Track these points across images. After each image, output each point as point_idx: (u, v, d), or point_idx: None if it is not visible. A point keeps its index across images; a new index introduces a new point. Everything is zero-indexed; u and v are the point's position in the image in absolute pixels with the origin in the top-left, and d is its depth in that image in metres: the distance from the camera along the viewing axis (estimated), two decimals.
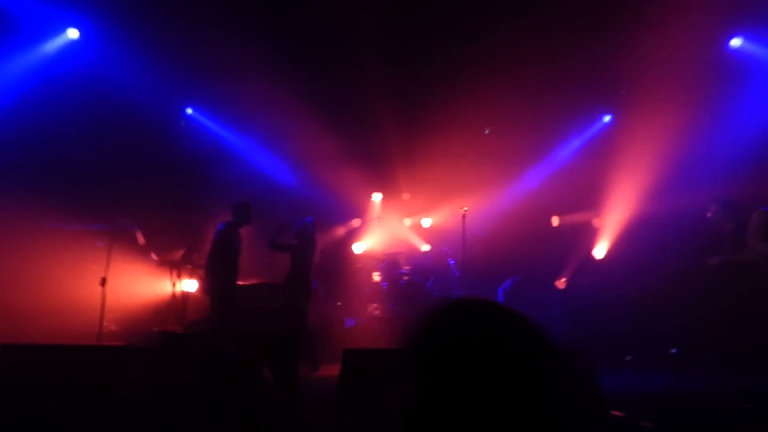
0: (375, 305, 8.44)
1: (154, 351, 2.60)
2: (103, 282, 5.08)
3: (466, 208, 6.05)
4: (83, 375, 2.48)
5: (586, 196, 9.29)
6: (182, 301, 7.20)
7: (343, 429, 2.55)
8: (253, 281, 7.70)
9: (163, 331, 2.44)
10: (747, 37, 7.64)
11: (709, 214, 6.61)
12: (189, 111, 9.49)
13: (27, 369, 2.55)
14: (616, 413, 2.89)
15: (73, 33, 7.36)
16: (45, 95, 7.15)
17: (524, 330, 0.88)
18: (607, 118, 9.82)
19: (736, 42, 7.64)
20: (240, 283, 6.72)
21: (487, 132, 10.22)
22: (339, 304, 8.69)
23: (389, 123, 9.19)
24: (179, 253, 7.17)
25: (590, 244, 8.78)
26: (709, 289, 6.81)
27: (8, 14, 6.68)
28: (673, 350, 6.83)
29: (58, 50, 7.36)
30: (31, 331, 5.33)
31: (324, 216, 9.22)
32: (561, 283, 8.18)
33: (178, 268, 7.09)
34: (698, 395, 4.18)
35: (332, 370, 3.08)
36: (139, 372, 2.48)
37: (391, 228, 9.96)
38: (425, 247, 9.75)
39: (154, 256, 6.51)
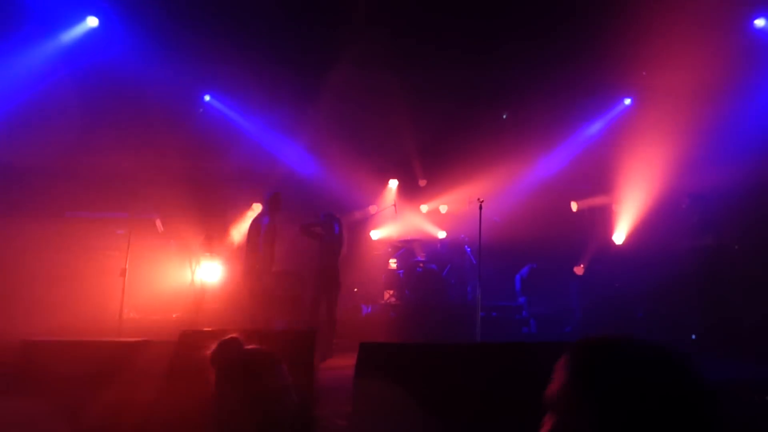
0: (391, 292, 8.49)
1: (173, 345, 2.65)
2: (123, 273, 5.17)
3: (482, 200, 6.00)
4: (103, 369, 2.54)
5: (606, 180, 9.14)
6: (201, 288, 7.32)
7: (359, 423, 2.59)
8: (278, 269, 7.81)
9: (183, 329, 2.48)
10: None
11: (683, 206, 6.95)
12: (207, 98, 9.52)
13: (48, 364, 2.62)
14: None
15: (92, 21, 7.40)
16: (64, 83, 7.23)
17: (690, 374, 0.91)
18: (627, 101, 9.59)
19: (760, 22, 7.37)
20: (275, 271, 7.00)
21: (504, 117, 10.08)
22: (356, 290, 8.76)
23: (406, 110, 9.12)
24: (197, 242, 7.27)
25: (609, 230, 8.66)
26: (729, 274, 6.72)
27: (27, 4, 6.73)
28: (693, 336, 6.76)
29: (77, 39, 7.42)
30: (53, 322, 5.47)
31: (341, 203, 9.25)
32: (579, 269, 8.11)
33: (196, 256, 7.20)
34: (717, 384, 4.11)
35: (349, 359, 3.10)
36: (158, 367, 2.54)
37: (407, 215, 9.94)
38: (442, 235, 9.74)
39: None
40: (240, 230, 8.78)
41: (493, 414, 2.50)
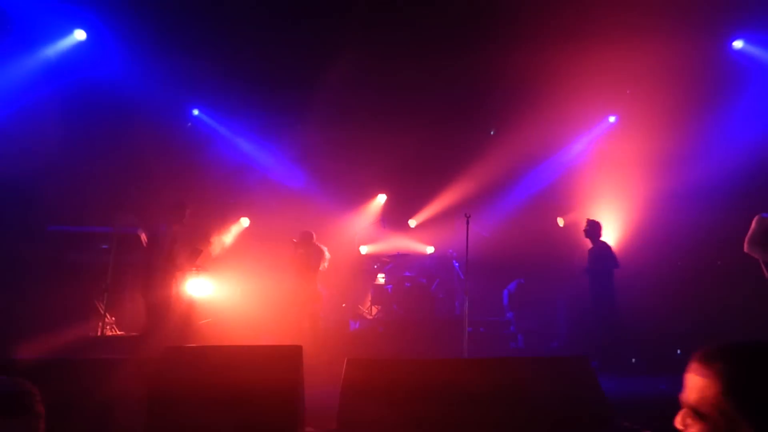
0: (379, 307, 8.45)
1: (154, 363, 2.59)
2: (106, 288, 5.09)
3: (469, 215, 6.05)
4: (85, 388, 2.48)
5: (592, 197, 9.25)
6: (186, 304, 7.22)
7: None
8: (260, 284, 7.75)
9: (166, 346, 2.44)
10: (749, 39, 7.63)
11: (583, 229, 7.31)
12: (195, 112, 9.51)
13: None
14: (627, 425, 2.88)
15: (80, 35, 7.37)
16: (50, 96, 7.17)
17: None
18: (612, 119, 9.75)
19: (738, 44, 7.62)
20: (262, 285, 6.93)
21: (492, 133, 10.19)
22: (344, 305, 8.71)
23: (394, 125, 9.18)
24: (183, 256, 7.18)
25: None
26: (714, 291, 6.82)
27: (10, 16, 6.69)
28: (679, 352, 6.82)
29: (64, 52, 7.38)
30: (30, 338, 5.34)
31: (329, 218, 9.24)
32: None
33: (182, 270, 7.10)
34: None
35: (336, 375, 3.07)
36: (138, 384, 2.49)
37: (393, 231, 9.96)
38: (430, 250, 9.75)
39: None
40: (223, 243, 8.74)
41: (480, 427, 2.48)
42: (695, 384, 0.93)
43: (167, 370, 2.54)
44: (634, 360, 6.75)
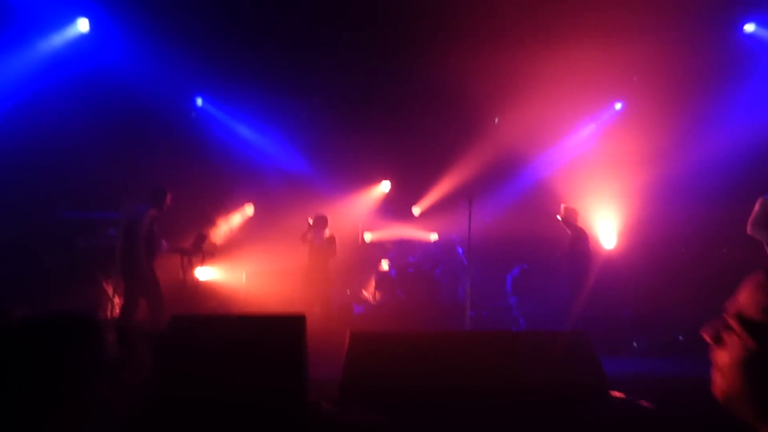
0: (383, 293, 8.51)
1: (162, 333, 2.66)
2: (114, 272, 5.16)
3: (471, 198, 6.08)
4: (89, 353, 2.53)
5: (597, 184, 9.24)
6: (192, 288, 7.32)
7: (347, 406, 2.61)
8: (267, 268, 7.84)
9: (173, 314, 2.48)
10: (760, 22, 7.52)
11: (558, 216, 7.29)
12: (199, 101, 9.55)
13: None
14: (617, 394, 2.92)
15: (83, 25, 7.40)
16: (56, 85, 7.22)
17: None
18: (618, 106, 9.71)
19: (749, 27, 7.52)
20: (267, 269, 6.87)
21: (496, 121, 10.17)
22: (348, 291, 8.78)
23: (400, 111, 9.19)
24: (189, 241, 7.28)
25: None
26: (719, 278, 6.82)
27: (13, 6, 6.73)
28: (681, 337, 6.84)
29: (68, 42, 7.42)
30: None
31: (333, 204, 9.29)
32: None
33: (188, 255, 7.20)
34: (703, 379, 4.18)
35: (342, 352, 3.13)
36: (146, 353, 2.55)
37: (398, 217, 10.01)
38: (434, 236, 9.79)
39: (164, 243, 6.61)
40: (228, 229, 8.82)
41: (478, 396, 2.53)
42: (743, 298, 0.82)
43: (174, 337, 2.61)
44: (635, 344, 6.78)
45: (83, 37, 7.44)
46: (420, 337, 2.97)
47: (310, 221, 7.27)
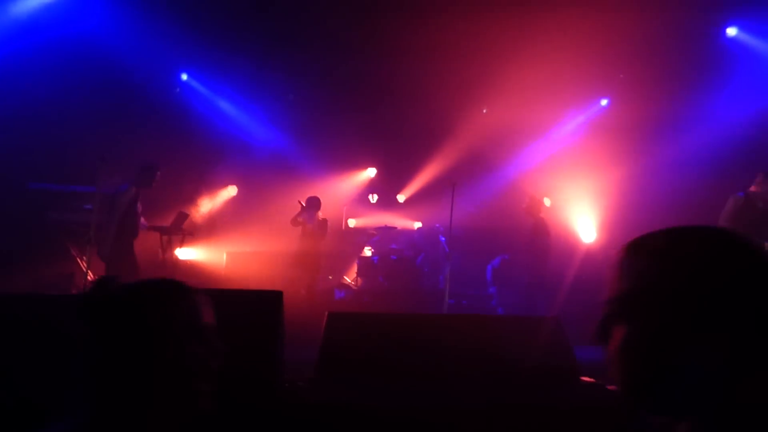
0: (365, 279, 8.52)
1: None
2: (89, 242, 5.05)
3: (455, 183, 6.10)
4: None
5: (582, 178, 9.34)
6: (172, 267, 7.22)
7: (322, 384, 2.61)
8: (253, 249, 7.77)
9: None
10: (742, 26, 7.66)
11: (524, 206, 7.25)
12: (184, 77, 9.36)
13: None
14: (587, 379, 2.98)
15: None
16: (31, 50, 6.99)
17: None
18: (604, 102, 9.79)
19: (731, 31, 7.65)
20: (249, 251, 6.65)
21: (484, 111, 10.18)
22: (330, 277, 8.76)
23: (387, 99, 9.14)
24: (169, 220, 7.16)
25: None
26: None
27: None
28: None
29: (47, 6, 7.16)
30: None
31: (318, 188, 9.23)
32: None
33: (168, 234, 7.09)
34: None
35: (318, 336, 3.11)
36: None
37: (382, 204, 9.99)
38: (417, 225, 9.80)
39: (143, 221, 6.49)
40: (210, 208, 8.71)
41: (453, 377, 2.55)
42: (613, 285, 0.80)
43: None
44: None
45: (61, 2, 7.19)
46: (397, 319, 2.97)
47: (302, 203, 7.11)
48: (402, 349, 2.70)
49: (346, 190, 10.28)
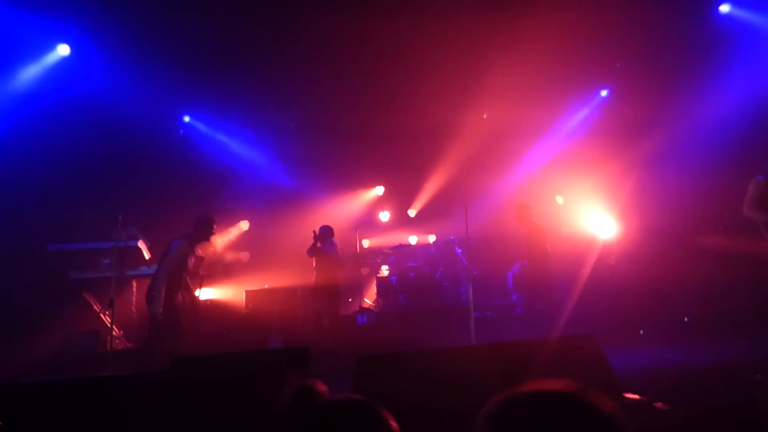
0: (385, 300, 8.47)
1: (164, 376, 2.59)
2: (111, 303, 5.08)
3: (467, 203, 6.07)
4: (94, 407, 2.47)
5: (589, 173, 9.25)
6: (193, 309, 7.23)
7: None
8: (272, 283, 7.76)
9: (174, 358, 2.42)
10: (735, 2, 7.57)
11: (513, 215, 6.99)
12: (186, 119, 9.47)
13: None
14: (630, 395, 2.90)
15: (63, 49, 7.29)
16: (40, 113, 7.12)
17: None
18: (604, 93, 9.72)
19: (724, 8, 7.57)
20: (267, 288, 6.64)
21: (485, 117, 10.16)
22: (350, 300, 8.73)
23: (389, 116, 9.14)
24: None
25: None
26: (717, 257, 6.86)
27: None
28: (686, 319, 6.86)
29: (48, 71, 7.32)
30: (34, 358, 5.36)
31: (329, 214, 9.24)
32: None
33: (186, 278, 7.11)
34: (710, 369, 4.19)
35: (347, 372, 3.07)
36: (149, 399, 2.48)
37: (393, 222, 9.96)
38: (432, 238, 9.75)
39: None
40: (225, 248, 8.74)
41: None
42: None
43: (175, 382, 2.55)
44: (642, 332, 6.77)
45: (64, 64, 7.33)
46: (429, 356, 2.93)
47: (316, 232, 6.97)
48: (436, 389, 2.66)
49: (357, 211, 10.28)
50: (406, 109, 9.12)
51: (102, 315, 6.55)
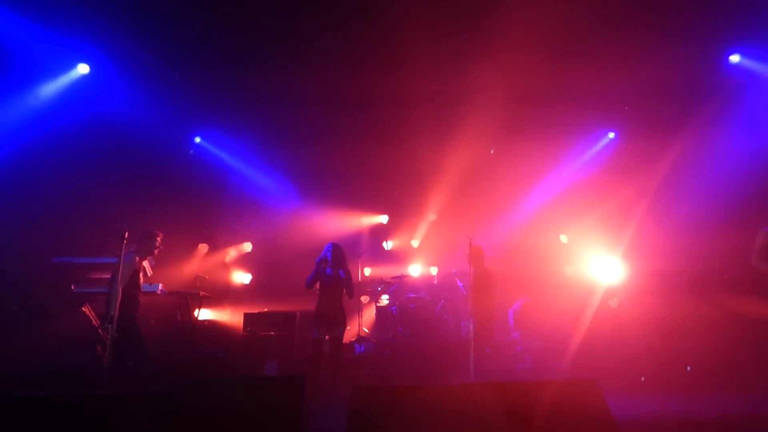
0: (385, 330, 8.40)
1: (162, 397, 2.58)
2: (110, 319, 5.07)
3: (471, 237, 6.07)
4: (89, 424, 2.45)
5: (594, 213, 9.27)
6: (191, 330, 7.21)
7: None
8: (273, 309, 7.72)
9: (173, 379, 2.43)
10: (745, 53, 7.72)
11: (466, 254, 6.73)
12: (197, 140, 9.62)
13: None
14: None
15: (83, 68, 7.50)
16: (52, 130, 7.26)
17: None
18: (611, 135, 9.83)
19: (734, 58, 7.71)
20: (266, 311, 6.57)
21: (492, 152, 10.27)
22: (348, 328, 8.65)
23: (394, 147, 9.26)
24: (188, 284, 7.21)
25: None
26: (722, 305, 6.79)
27: (12, 52, 6.80)
28: (689, 368, 6.75)
29: (69, 85, 7.50)
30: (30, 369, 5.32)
31: (332, 239, 9.26)
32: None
33: (186, 298, 7.12)
34: (712, 422, 4.11)
35: (342, 401, 3.04)
36: (146, 420, 2.47)
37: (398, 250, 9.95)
38: (433, 270, 9.72)
39: (161, 287, 6.53)
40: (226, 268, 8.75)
41: None
42: None
43: (174, 405, 2.53)
44: (643, 378, 6.66)
45: (82, 82, 7.52)
46: (427, 392, 2.90)
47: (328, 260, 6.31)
48: (434, 425, 2.62)
49: (360, 239, 10.29)
50: (413, 142, 9.24)
51: (100, 330, 6.52)
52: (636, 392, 6.19)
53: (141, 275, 5.73)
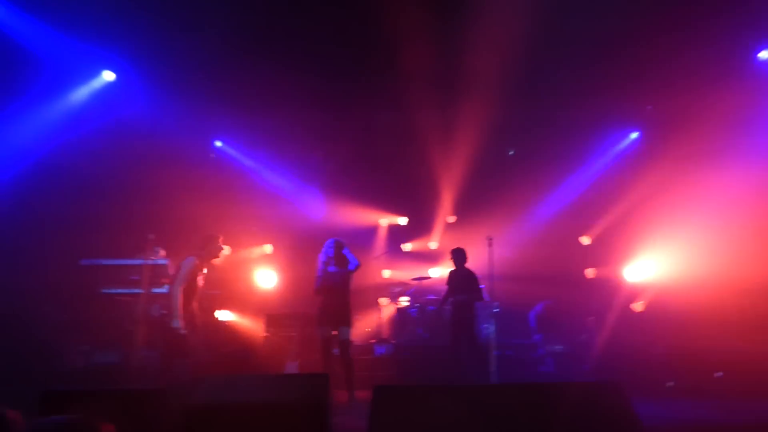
0: (404, 332, 8.38)
1: (184, 392, 2.63)
2: (137, 318, 5.17)
3: (491, 237, 6.03)
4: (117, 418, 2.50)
5: (616, 214, 9.12)
6: (213, 329, 7.31)
7: None
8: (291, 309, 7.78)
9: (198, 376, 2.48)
10: None
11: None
12: (218, 144, 9.76)
13: None
14: None
15: (108, 75, 7.69)
16: (79, 135, 7.45)
17: None
18: (634, 135, 9.66)
19: (764, 54, 7.48)
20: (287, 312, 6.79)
21: (511, 153, 10.18)
22: (367, 329, 8.66)
23: (414, 149, 9.25)
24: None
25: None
26: (754, 311, 6.60)
27: (41, 60, 7.00)
28: (719, 374, 6.56)
29: (95, 92, 7.71)
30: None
31: (350, 242, 9.29)
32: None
33: (208, 298, 7.20)
34: (741, 429, 3.99)
35: (358, 403, 3.04)
36: (175, 416, 2.52)
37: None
38: None
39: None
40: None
41: None
42: None
43: (196, 400, 2.58)
44: (671, 384, 6.50)
45: (108, 89, 7.71)
46: (448, 392, 2.89)
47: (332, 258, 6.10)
48: (454, 426, 2.61)
49: (379, 241, 10.30)
50: (433, 141, 9.22)
51: (128, 330, 6.66)
52: (663, 398, 6.05)
53: (200, 279, 5.65)
